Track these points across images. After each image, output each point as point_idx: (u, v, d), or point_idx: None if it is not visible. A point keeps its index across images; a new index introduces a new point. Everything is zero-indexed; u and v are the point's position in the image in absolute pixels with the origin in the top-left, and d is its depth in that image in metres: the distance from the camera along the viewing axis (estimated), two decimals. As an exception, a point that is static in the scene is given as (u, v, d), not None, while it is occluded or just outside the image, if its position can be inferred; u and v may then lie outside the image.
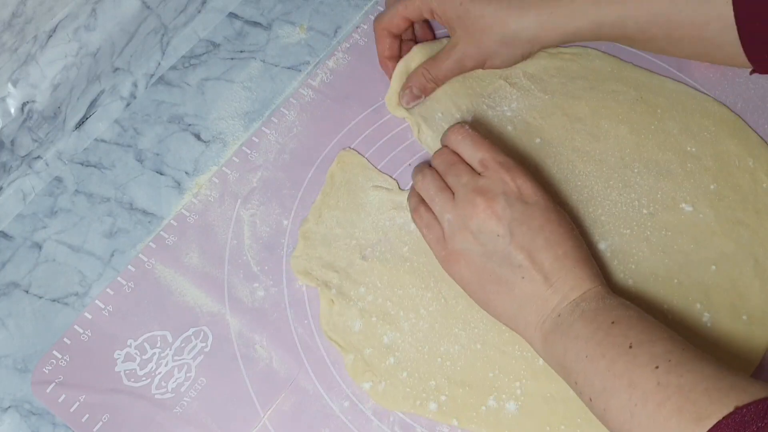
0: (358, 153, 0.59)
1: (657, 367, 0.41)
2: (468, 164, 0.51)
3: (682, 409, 0.39)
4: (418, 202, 0.52)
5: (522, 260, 0.47)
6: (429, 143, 0.58)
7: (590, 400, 0.44)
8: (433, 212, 0.51)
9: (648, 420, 0.40)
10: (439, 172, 0.52)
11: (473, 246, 0.48)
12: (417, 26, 0.61)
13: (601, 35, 0.55)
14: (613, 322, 0.44)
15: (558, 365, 0.46)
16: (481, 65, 0.58)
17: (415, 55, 0.59)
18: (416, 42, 0.61)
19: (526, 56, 0.57)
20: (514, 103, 0.59)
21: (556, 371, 0.47)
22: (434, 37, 0.62)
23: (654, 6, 0.52)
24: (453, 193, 0.50)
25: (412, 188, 0.54)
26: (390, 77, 0.60)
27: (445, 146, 0.53)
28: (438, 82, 0.59)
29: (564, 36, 0.55)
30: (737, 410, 0.37)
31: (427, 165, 0.53)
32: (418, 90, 0.58)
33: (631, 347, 0.42)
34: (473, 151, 0.51)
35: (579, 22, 0.54)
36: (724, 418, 0.37)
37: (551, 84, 0.59)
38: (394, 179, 0.58)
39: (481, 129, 0.58)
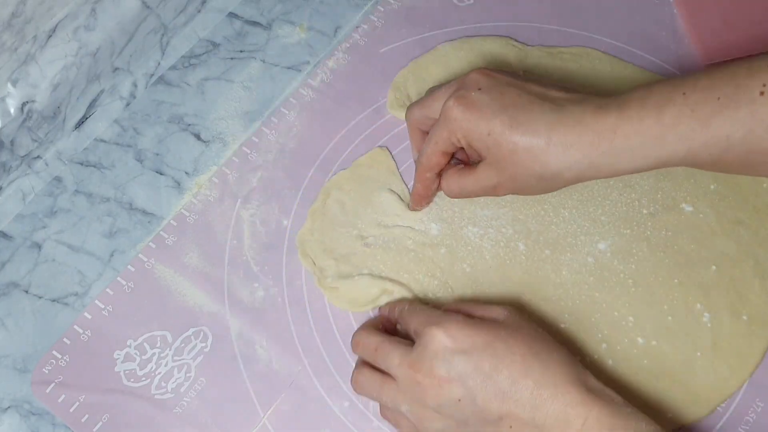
0: (392, 155, 0.59)
1: None
2: (395, 340, 0.47)
3: None
4: (380, 406, 0.49)
5: (497, 411, 0.42)
6: None
7: None
8: (389, 408, 0.47)
9: None
10: (367, 360, 0.48)
11: (444, 422, 0.44)
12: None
13: (665, 166, 0.46)
14: None
15: None
16: (513, 193, 0.50)
17: (424, 65, 0.61)
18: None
19: (565, 186, 0.48)
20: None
21: None
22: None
23: (729, 137, 0.43)
24: (392, 378, 0.46)
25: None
26: (416, 208, 0.55)
27: (362, 329, 0.49)
28: (460, 197, 0.52)
29: (618, 173, 0.46)
30: None
31: (358, 363, 0.49)
32: (440, 191, 0.54)
33: None
34: (407, 325, 0.47)
35: (637, 161, 0.45)
36: None
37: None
38: (408, 186, 0.58)
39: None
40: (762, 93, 0.42)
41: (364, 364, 0.48)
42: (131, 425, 0.51)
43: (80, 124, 0.62)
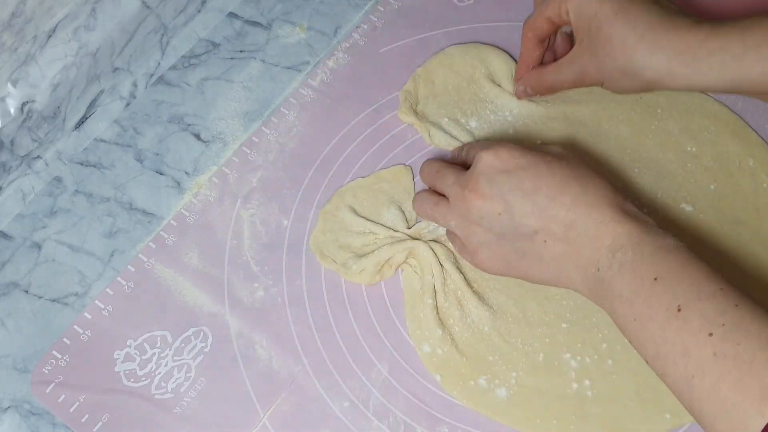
0: (413, 174, 0.59)
1: (711, 335, 0.38)
2: (455, 166, 0.51)
3: (744, 385, 0.36)
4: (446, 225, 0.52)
5: (534, 225, 0.46)
6: (442, 145, 0.59)
7: (647, 361, 0.42)
8: (452, 232, 0.51)
9: (708, 396, 0.38)
10: (428, 183, 0.53)
11: (485, 235, 0.48)
12: (558, 39, 0.57)
13: (736, 91, 0.48)
14: (656, 279, 0.41)
15: (613, 321, 0.44)
16: (599, 84, 0.53)
17: (433, 69, 0.61)
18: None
19: (644, 92, 0.51)
20: (515, 108, 0.59)
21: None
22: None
23: None
24: (445, 198, 0.50)
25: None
26: (523, 83, 0.58)
27: (428, 161, 0.54)
28: (552, 90, 0.56)
29: (691, 87, 0.48)
30: None
31: (421, 190, 0.54)
32: (532, 90, 0.57)
33: (680, 310, 0.40)
34: (467, 154, 0.51)
35: (713, 76, 0.47)
36: None
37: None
38: None
39: (483, 133, 0.59)
40: None
41: (422, 191, 0.53)
42: (131, 425, 0.51)
43: (80, 124, 0.62)
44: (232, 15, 0.66)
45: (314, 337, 0.53)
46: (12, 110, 0.55)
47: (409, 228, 0.56)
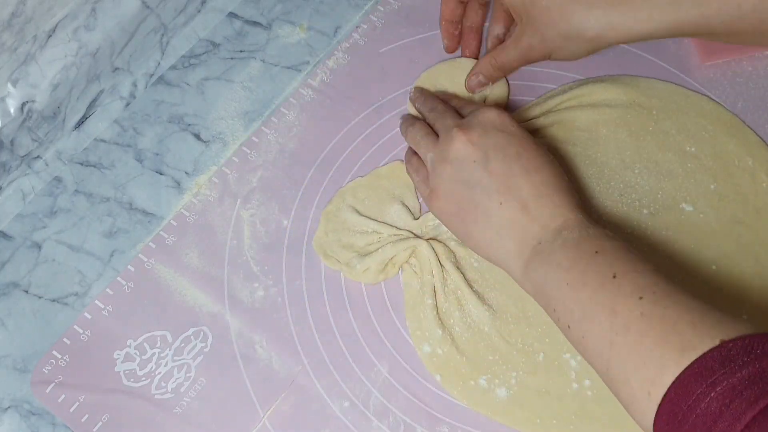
0: None
1: (641, 298, 0.40)
2: (449, 106, 0.54)
3: (665, 340, 0.38)
4: (411, 153, 0.55)
5: (498, 185, 0.47)
6: None
7: (568, 327, 0.43)
8: (418, 156, 0.54)
9: (628, 349, 0.39)
10: (426, 119, 0.55)
11: (451, 175, 0.49)
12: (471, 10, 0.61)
13: (678, 34, 0.50)
14: (596, 252, 0.44)
15: (536, 292, 0.46)
16: (547, 57, 0.55)
17: (440, 73, 0.61)
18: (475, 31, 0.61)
19: (592, 52, 0.53)
20: (519, 119, 0.59)
21: (534, 298, 0.47)
22: (484, 21, 0.62)
23: (741, 5, 0.47)
24: (435, 135, 0.52)
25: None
26: (447, 39, 0.61)
27: (428, 94, 0.57)
28: (504, 71, 0.58)
29: (633, 36, 0.50)
30: (723, 344, 0.36)
31: (416, 117, 0.57)
32: (484, 78, 0.58)
33: (615, 277, 0.42)
34: (458, 100, 0.55)
35: (653, 24, 0.49)
36: (709, 350, 0.36)
37: (547, 104, 0.59)
38: (420, 203, 0.58)
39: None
40: None
41: (418, 119, 0.56)
42: (131, 425, 0.51)
43: (80, 124, 0.62)
44: (232, 15, 0.66)
45: (314, 337, 0.53)
46: (12, 110, 0.55)
47: (416, 219, 0.55)
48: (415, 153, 0.55)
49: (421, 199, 0.57)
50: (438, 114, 0.54)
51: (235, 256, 0.56)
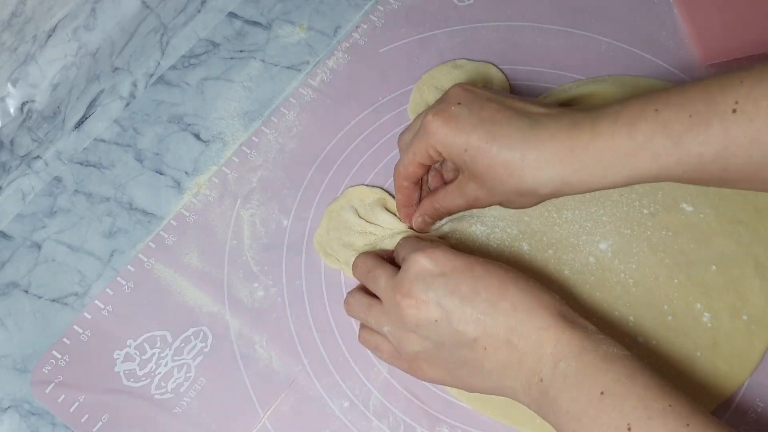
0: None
1: None
2: (387, 265, 0.48)
3: None
4: (360, 327, 0.50)
5: (472, 333, 0.43)
6: None
7: None
8: (373, 330, 0.49)
9: None
10: (361, 281, 0.50)
11: (422, 343, 0.45)
12: (429, 176, 0.55)
13: (639, 183, 0.46)
14: (602, 393, 0.40)
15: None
16: (496, 204, 0.50)
17: (441, 74, 0.61)
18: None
19: (546, 200, 0.49)
20: None
21: None
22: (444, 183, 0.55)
23: (702, 155, 0.42)
24: (378, 301, 0.48)
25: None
26: (407, 221, 0.55)
27: (363, 254, 0.51)
28: (450, 213, 0.53)
29: (589, 189, 0.46)
30: None
31: (354, 290, 0.51)
32: (430, 218, 0.53)
33: (629, 429, 0.39)
34: (397, 254, 0.49)
35: (608, 179, 0.45)
36: None
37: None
38: None
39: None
40: (734, 111, 0.41)
41: (358, 287, 0.51)
42: (131, 425, 0.51)
43: (80, 124, 0.62)
44: (232, 15, 0.66)
45: (314, 337, 0.53)
46: (12, 110, 0.55)
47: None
48: (363, 325, 0.50)
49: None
50: (370, 278, 0.48)
51: (235, 256, 0.56)
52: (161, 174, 0.60)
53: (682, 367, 0.50)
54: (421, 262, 0.45)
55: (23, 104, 0.55)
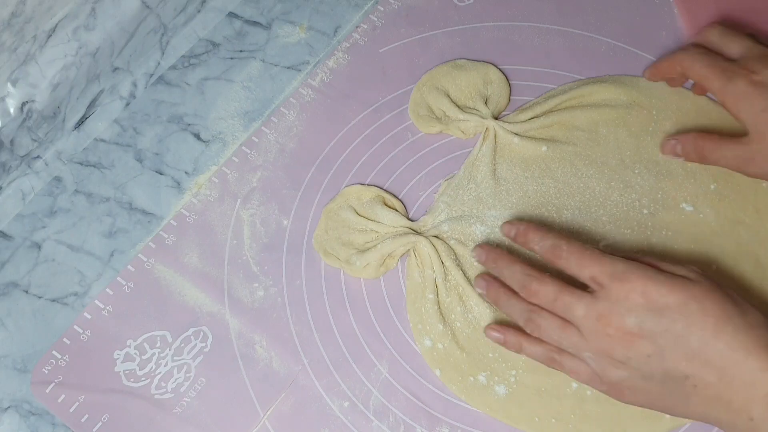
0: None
1: None
2: (571, 289, 0.46)
3: None
4: (549, 350, 0.48)
5: (684, 370, 0.43)
6: (477, 130, 0.59)
7: None
8: (567, 353, 0.47)
9: None
10: (543, 307, 0.47)
11: (629, 373, 0.45)
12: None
13: None
14: None
15: None
16: (762, 176, 0.52)
17: (441, 74, 0.61)
18: None
19: None
20: (519, 119, 0.59)
21: None
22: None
23: None
24: (573, 325, 0.46)
25: (530, 339, 0.48)
26: (679, 142, 0.56)
27: (530, 271, 0.48)
28: (706, 162, 0.55)
29: None
30: None
31: (536, 310, 0.47)
32: (682, 152, 0.55)
33: None
34: (579, 269, 0.46)
35: None
36: None
37: (547, 104, 0.59)
38: (402, 204, 0.57)
39: (489, 142, 0.58)
40: None
41: (541, 309, 0.47)
42: (131, 425, 0.51)
43: (80, 123, 0.62)
44: (232, 15, 0.66)
45: (314, 337, 0.53)
46: (12, 110, 0.55)
47: (412, 221, 0.56)
48: (552, 348, 0.47)
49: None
50: (560, 305, 0.46)
51: (235, 256, 0.56)
52: (161, 174, 0.60)
53: None
54: (632, 296, 0.44)
55: (23, 104, 0.55)
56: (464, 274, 0.53)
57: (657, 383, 0.44)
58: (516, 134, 0.58)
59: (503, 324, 0.50)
